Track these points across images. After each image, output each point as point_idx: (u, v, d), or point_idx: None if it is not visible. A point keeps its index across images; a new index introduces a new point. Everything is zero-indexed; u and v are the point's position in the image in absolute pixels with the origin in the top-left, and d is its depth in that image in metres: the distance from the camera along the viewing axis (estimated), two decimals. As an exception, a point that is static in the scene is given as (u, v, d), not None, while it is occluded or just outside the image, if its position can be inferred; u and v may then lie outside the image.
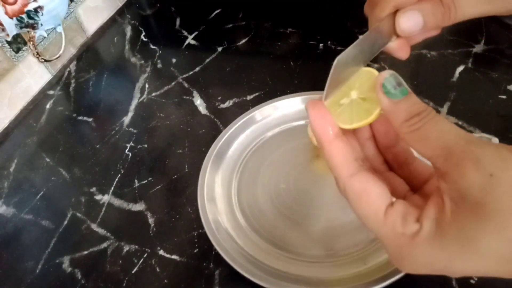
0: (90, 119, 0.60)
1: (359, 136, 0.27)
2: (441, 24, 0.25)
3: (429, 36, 0.28)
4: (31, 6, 0.56)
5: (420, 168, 0.26)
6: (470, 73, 0.53)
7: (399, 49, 0.27)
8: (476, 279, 0.36)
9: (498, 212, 0.18)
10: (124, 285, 0.41)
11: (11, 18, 0.55)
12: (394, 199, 0.23)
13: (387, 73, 0.22)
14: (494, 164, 0.19)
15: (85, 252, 0.45)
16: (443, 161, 0.20)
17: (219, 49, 0.66)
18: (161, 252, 0.43)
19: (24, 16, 0.56)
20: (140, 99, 0.61)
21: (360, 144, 0.27)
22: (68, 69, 0.69)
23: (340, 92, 0.25)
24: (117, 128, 0.58)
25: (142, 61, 0.68)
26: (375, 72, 0.24)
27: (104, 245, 0.45)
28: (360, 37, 0.24)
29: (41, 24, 0.59)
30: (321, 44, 0.62)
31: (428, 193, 0.24)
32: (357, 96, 0.24)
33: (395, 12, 0.25)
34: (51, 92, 0.66)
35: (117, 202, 0.49)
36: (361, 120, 0.24)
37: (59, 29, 0.65)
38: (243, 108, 0.54)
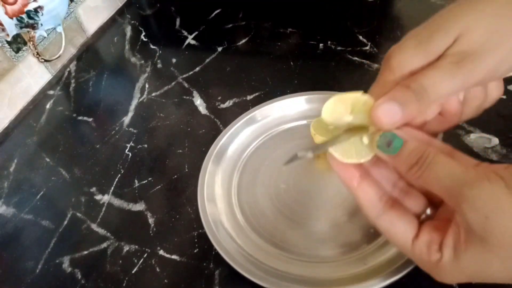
0: (90, 119, 0.60)
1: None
2: (421, 112, 0.24)
3: (448, 126, 0.29)
4: (31, 6, 0.56)
5: None
6: (470, 73, 0.53)
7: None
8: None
9: (500, 248, 0.21)
10: (124, 285, 0.41)
11: (11, 18, 0.55)
12: (417, 228, 0.26)
13: (378, 135, 0.25)
14: (487, 208, 0.21)
15: (85, 252, 0.45)
16: (450, 201, 0.23)
17: (219, 49, 0.66)
18: (161, 252, 0.43)
19: (24, 16, 0.56)
20: (140, 99, 0.61)
21: (385, 166, 0.28)
22: (68, 69, 0.69)
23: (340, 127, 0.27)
24: (117, 128, 0.58)
25: (142, 61, 0.68)
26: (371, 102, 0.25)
27: (104, 245, 0.45)
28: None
29: (41, 24, 0.59)
30: (321, 44, 0.62)
31: (448, 212, 0.26)
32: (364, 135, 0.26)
33: None
34: (51, 92, 0.66)
35: (117, 202, 0.49)
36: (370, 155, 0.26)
37: (59, 29, 0.65)
38: (243, 108, 0.54)
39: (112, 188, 0.50)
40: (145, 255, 0.43)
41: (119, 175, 0.51)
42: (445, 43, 0.24)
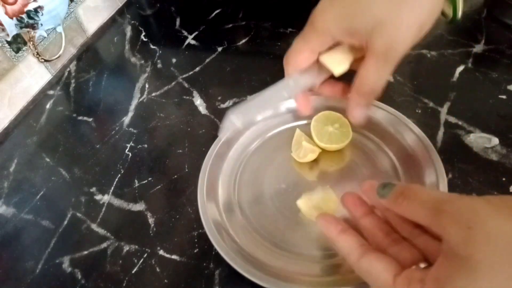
0: (90, 119, 0.60)
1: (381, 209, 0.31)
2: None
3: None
4: (31, 6, 0.56)
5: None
6: (470, 73, 0.53)
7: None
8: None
9: (482, 264, 0.21)
10: (124, 285, 0.41)
11: (11, 18, 0.55)
12: (399, 268, 0.26)
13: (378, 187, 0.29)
14: (469, 218, 0.21)
15: (85, 252, 0.45)
16: (430, 225, 0.24)
17: (219, 49, 0.66)
18: (161, 252, 0.43)
19: (24, 16, 0.56)
20: (140, 99, 0.61)
21: (385, 216, 0.31)
22: (68, 69, 0.69)
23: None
24: (117, 128, 0.58)
25: (142, 61, 0.68)
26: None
27: (104, 245, 0.45)
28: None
29: (41, 24, 0.59)
30: (321, 44, 0.62)
31: None
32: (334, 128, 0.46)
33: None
34: (51, 92, 0.66)
35: (117, 202, 0.49)
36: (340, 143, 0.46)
37: (59, 29, 0.65)
38: (243, 108, 0.54)
39: (112, 188, 0.50)
40: (145, 255, 0.43)
41: (119, 175, 0.51)
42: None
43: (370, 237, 0.30)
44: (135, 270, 0.42)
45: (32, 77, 0.65)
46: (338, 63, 0.33)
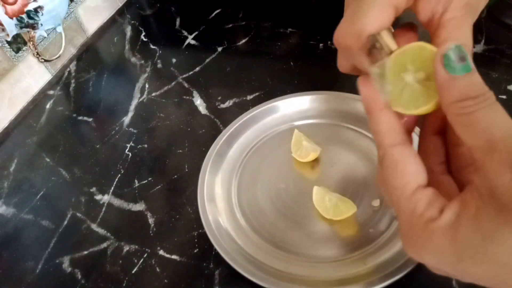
0: (90, 119, 0.60)
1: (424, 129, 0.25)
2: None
3: None
4: (31, 6, 0.56)
5: None
6: (470, 73, 0.53)
7: None
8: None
9: None
10: (124, 285, 0.41)
11: (11, 18, 0.55)
12: (426, 181, 0.22)
13: (452, 44, 0.20)
14: None
15: (85, 252, 0.45)
16: (483, 155, 0.19)
17: (219, 49, 0.66)
18: (161, 252, 0.43)
19: (24, 16, 0.56)
20: (140, 99, 0.61)
21: (426, 137, 0.25)
22: (68, 69, 0.69)
23: (393, 72, 0.23)
24: (117, 128, 0.58)
25: (142, 61, 0.68)
26: (433, 48, 0.22)
27: (104, 245, 0.45)
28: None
29: (41, 24, 0.59)
30: (321, 44, 0.62)
31: None
32: (415, 79, 0.22)
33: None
34: (51, 92, 0.66)
35: (117, 202, 0.49)
36: (419, 107, 0.22)
37: (59, 29, 0.65)
38: (243, 108, 0.54)
39: (112, 188, 0.50)
40: (145, 255, 0.43)
41: (119, 175, 0.51)
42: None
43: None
44: (135, 270, 0.42)
45: (32, 77, 0.65)
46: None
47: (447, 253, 0.19)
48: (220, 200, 0.45)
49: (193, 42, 0.69)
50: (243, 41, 0.67)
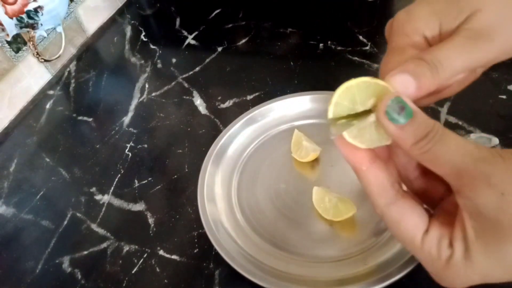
0: (90, 119, 0.60)
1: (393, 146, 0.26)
2: (434, 84, 0.23)
3: (441, 97, 0.27)
4: (31, 6, 0.56)
5: None
6: (470, 73, 0.53)
7: None
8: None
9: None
10: (124, 285, 0.41)
11: (11, 18, 0.55)
12: (427, 222, 0.23)
13: (389, 99, 0.22)
14: (504, 183, 0.19)
15: (85, 252, 0.45)
16: (455, 180, 0.21)
17: (219, 49, 0.66)
18: (161, 252, 0.43)
19: (24, 16, 0.56)
20: (140, 99, 0.61)
21: (394, 152, 0.26)
22: (68, 69, 0.69)
23: (349, 109, 0.24)
24: (117, 128, 0.58)
25: (142, 61, 0.68)
26: (389, 88, 0.23)
27: (104, 245, 0.45)
28: None
29: (41, 24, 0.59)
30: (321, 44, 0.62)
31: (450, 205, 0.24)
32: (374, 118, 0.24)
33: None
34: (51, 92, 0.66)
35: (117, 202, 0.49)
36: (386, 140, 0.24)
37: (59, 29, 0.65)
38: (243, 108, 0.54)
39: (112, 188, 0.50)
40: (145, 255, 0.43)
41: (119, 175, 0.51)
42: (459, 19, 0.24)
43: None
44: (135, 270, 0.42)
45: (32, 77, 0.65)
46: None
47: (473, 276, 0.22)
48: (220, 200, 0.45)
49: (193, 42, 0.69)
50: (243, 41, 0.67)
